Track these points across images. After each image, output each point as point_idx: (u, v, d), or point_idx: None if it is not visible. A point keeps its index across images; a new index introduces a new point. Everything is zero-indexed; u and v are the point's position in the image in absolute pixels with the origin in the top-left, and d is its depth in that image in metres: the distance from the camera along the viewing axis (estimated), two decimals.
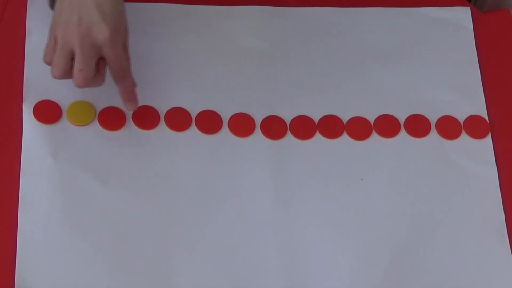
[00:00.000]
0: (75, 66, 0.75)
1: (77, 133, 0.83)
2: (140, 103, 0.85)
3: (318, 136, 0.87)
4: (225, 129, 0.86)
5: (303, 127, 0.87)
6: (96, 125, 0.83)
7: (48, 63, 0.77)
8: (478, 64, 0.94)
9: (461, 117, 0.90)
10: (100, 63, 0.77)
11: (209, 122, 0.86)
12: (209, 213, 0.81)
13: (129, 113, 0.85)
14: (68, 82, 0.77)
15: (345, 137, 0.88)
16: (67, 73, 0.76)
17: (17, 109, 0.82)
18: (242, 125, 0.86)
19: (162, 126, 0.85)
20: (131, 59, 0.85)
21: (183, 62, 0.89)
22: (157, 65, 0.81)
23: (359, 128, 0.88)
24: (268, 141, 0.86)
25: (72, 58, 0.76)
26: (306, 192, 0.84)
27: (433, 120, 0.90)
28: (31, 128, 0.82)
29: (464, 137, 0.89)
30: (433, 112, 0.90)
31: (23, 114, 0.82)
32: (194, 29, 0.92)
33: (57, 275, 0.76)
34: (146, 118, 0.85)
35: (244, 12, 0.94)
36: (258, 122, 0.87)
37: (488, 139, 0.89)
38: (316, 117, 0.88)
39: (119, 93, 0.81)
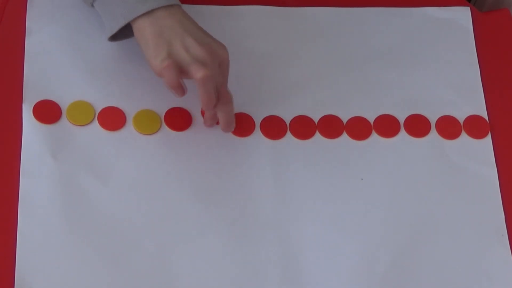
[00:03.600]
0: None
1: (76, 133, 0.83)
2: (140, 103, 0.85)
3: (318, 136, 0.87)
4: None
5: (303, 127, 0.87)
6: (95, 125, 0.83)
7: (177, 85, 0.79)
8: (478, 64, 0.94)
9: (461, 117, 0.90)
10: None
11: None
12: (209, 213, 0.81)
13: (129, 113, 0.85)
14: (67, 81, 0.77)
15: (345, 137, 0.88)
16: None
17: (17, 109, 0.82)
18: (242, 125, 0.86)
19: (162, 126, 0.85)
20: (132, 59, 0.85)
21: None
22: None
23: (359, 128, 0.88)
24: (268, 141, 0.86)
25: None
26: (306, 192, 0.84)
27: (433, 120, 0.90)
28: (31, 128, 0.82)
29: (464, 137, 0.89)
30: (433, 112, 0.90)
31: (23, 114, 0.82)
32: None
33: (57, 275, 0.76)
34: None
35: (244, 12, 0.94)
36: (258, 122, 0.87)
37: (488, 139, 0.89)
38: (316, 117, 0.88)
39: (219, 116, 0.82)
